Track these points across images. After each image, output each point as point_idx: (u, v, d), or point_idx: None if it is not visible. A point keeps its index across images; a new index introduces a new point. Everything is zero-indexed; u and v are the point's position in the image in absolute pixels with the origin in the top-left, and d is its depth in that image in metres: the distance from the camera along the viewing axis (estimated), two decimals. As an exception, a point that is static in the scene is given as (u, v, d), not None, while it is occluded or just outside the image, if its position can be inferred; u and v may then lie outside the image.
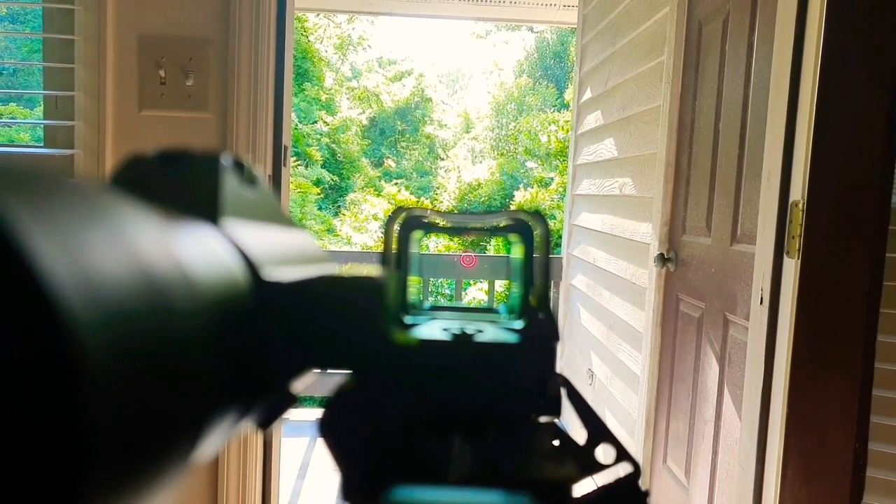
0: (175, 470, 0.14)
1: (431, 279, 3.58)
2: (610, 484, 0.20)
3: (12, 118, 7.92)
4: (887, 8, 1.17)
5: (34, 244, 0.09)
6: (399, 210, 0.23)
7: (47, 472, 0.10)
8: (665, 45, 2.02)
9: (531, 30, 16.16)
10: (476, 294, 6.93)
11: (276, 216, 0.23)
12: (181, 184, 0.18)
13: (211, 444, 0.16)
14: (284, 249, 0.21)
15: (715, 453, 1.67)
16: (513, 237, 0.23)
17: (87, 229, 0.11)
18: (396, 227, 0.23)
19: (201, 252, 0.16)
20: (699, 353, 1.79)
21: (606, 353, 2.57)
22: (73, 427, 0.10)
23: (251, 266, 0.18)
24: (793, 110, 1.28)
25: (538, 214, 0.23)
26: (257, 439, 1.69)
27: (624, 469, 0.20)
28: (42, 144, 1.61)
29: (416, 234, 0.24)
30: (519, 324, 0.23)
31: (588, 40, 3.01)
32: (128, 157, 0.19)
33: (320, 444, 0.20)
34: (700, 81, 1.85)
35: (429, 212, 0.24)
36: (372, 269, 0.20)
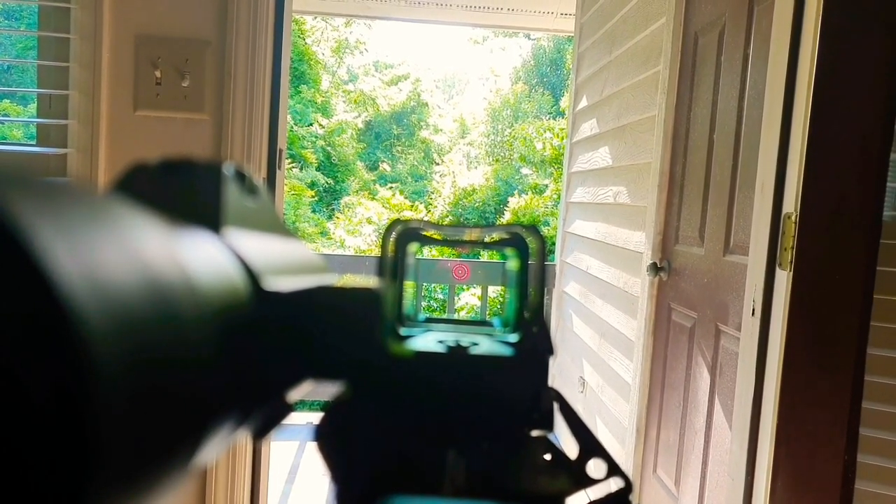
0: (173, 478, 0.14)
1: (425, 284, 3.57)
2: (601, 498, 0.20)
3: (5, 115, 7.89)
4: (882, 22, 1.18)
5: (48, 252, 0.10)
6: (396, 222, 0.23)
7: (56, 478, 0.10)
8: (661, 55, 2.03)
9: (528, 37, 16.21)
10: (469, 300, 6.92)
11: (276, 226, 0.23)
12: (183, 193, 0.19)
13: (209, 453, 0.16)
14: (284, 259, 0.21)
15: (705, 463, 1.68)
16: (508, 251, 0.24)
17: (97, 237, 0.11)
18: (393, 238, 0.23)
19: (204, 261, 0.16)
20: (690, 363, 1.79)
21: (598, 361, 2.57)
22: (84, 436, 0.10)
23: (252, 275, 0.18)
24: (787, 123, 1.29)
25: (533, 228, 0.23)
26: (247, 443, 1.69)
27: (615, 484, 0.21)
28: (35, 142, 1.61)
29: (413, 247, 0.24)
30: (513, 337, 0.23)
31: (585, 49, 3.03)
32: (130, 165, 0.19)
33: (310, 449, 0.20)
34: (695, 92, 1.86)
35: (425, 224, 0.24)
36: (369, 280, 0.20)
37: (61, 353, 0.09)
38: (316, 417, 0.21)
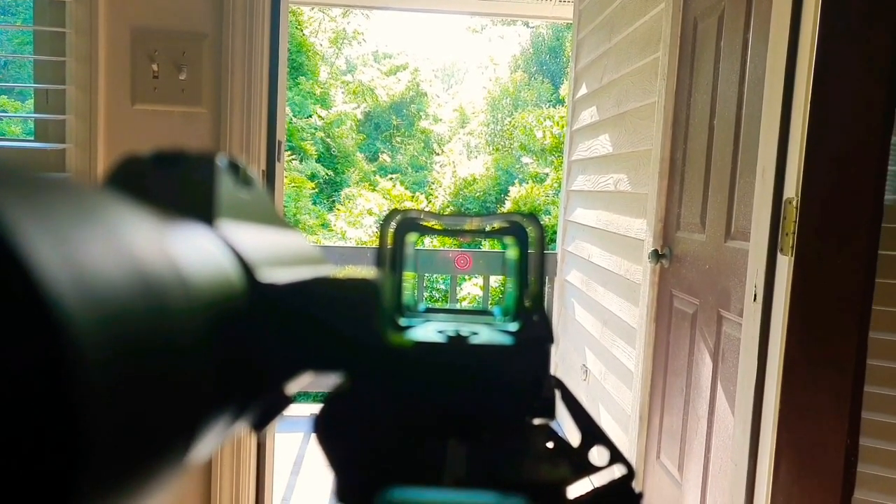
0: (169, 473, 0.14)
1: (426, 275, 3.58)
2: (603, 486, 0.20)
3: (3, 111, 7.87)
4: (882, 4, 1.17)
5: (29, 244, 0.09)
6: (394, 212, 0.23)
7: (42, 474, 0.10)
8: (660, 41, 2.02)
9: (527, 25, 16.12)
10: (471, 290, 6.93)
11: (272, 217, 0.23)
12: (176, 185, 0.18)
13: (205, 446, 0.16)
14: (279, 251, 0.21)
15: (708, 449, 1.68)
16: (508, 239, 0.24)
17: (82, 230, 0.11)
18: (391, 228, 0.23)
19: (196, 253, 0.16)
20: (693, 349, 1.80)
21: (600, 349, 2.57)
22: (69, 430, 0.10)
23: (246, 267, 0.18)
24: (787, 107, 1.29)
25: (533, 217, 0.23)
26: (251, 434, 1.69)
27: (618, 471, 0.21)
28: (33, 138, 1.60)
29: (411, 237, 0.24)
30: (513, 326, 0.23)
31: (584, 36, 3.01)
32: (122, 157, 0.19)
33: (315, 442, 0.20)
34: (695, 78, 1.85)
35: (424, 213, 0.24)
36: (367, 271, 0.20)
37: (42, 340, 0.09)
38: (318, 409, 0.21)
